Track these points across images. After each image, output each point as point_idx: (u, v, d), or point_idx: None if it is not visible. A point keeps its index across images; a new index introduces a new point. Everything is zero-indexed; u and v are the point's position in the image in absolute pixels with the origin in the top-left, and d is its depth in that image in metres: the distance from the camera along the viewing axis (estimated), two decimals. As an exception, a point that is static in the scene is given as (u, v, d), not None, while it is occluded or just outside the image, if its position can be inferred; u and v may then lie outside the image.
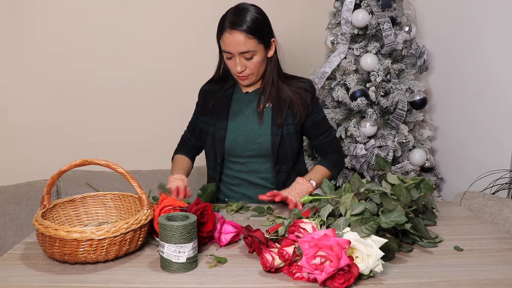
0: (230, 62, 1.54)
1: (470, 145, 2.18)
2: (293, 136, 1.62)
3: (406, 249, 1.15)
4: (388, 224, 1.07)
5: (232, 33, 1.47)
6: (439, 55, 2.37)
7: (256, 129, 1.59)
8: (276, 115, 1.58)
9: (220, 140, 1.60)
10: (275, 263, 1.02)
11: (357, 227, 1.04)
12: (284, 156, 1.60)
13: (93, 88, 2.38)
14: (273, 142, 1.58)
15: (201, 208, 1.16)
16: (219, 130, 1.61)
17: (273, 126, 1.58)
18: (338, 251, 0.94)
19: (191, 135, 1.75)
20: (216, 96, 1.65)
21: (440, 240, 1.21)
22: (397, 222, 1.08)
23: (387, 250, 1.06)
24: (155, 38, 2.39)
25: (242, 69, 1.52)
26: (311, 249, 0.96)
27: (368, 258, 0.99)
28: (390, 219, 1.08)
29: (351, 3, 2.17)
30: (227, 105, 1.63)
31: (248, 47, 1.48)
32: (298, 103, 1.59)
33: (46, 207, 1.19)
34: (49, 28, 2.30)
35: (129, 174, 1.14)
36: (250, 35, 1.47)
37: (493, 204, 1.66)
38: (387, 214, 1.09)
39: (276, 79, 1.59)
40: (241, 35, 1.47)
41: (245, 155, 1.61)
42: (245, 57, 1.50)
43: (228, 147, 1.60)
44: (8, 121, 2.34)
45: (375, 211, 1.12)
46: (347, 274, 0.95)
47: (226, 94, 1.65)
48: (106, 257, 1.08)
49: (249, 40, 1.47)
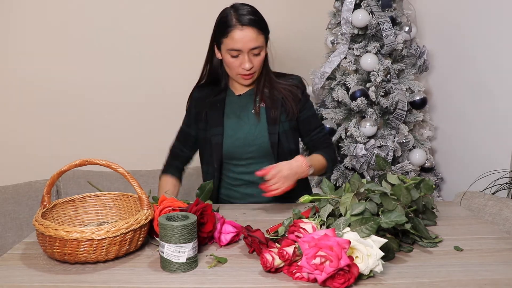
0: (235, 61, 1.51)
1: (470, 145, 2.18)
2: (289, 133, 1.61)
3: (406, 249, 1.15)
4: (388, 224, 1.07)
5: (244, 29, 1.47)
6: (439, 55, 2.37)
7: (253, 131, 1.58)
8: (270, 114, 1.58)
9: (217, 146, 1.59)
10: (275, 263, 1.02)
11: (357, 227, 1.04)
12: (283, 154, 1.60)
13: (93, 88, 2.38)
14: (272, 142, 1.57)
15: (201, 209, 1.15)
16: (214, 136, 1.59)
17: (269, 126, 1.58)
18: (338, 251, 0.94)
19: (184, 146, 1.69)
20: (208, 101, 1.62)
21: (440, 240, 1.21)
22: (397, 222, 1.08)
23: (387, 250, 1.06)
24: (155, 38, 2.39)
25: (250, 66, 1.51)
26: (311, 249, 0.96)
27: (368, 258, 0.99)
28: (390, 219, 1.08)
29: (351, 3, 2.17)
30: (221, 109, 1.61)
31: (259, 43, 1.49)
32: (290, 99, 1.59)
33: (46, 207, 1.19)
34: (49, 28, 2.30)
35: (129, 174, 1.14)
36: (261, 31, 1.49)
37: (493, 204, 1.66)
38: (387, 214, 1.09)
39: (268, 78, 1.60)
40: (253, 30, 1.47)
41: (245, 158, 1.60)
42: (254, 53, 1.50)
43: (227, 152, 1.59)
44: (8, 121, 2.34)
45: (375, 211, 1.12)
46: (347, 274, 0.95)
47: (219, 99, 1.62)
48: (106, 257, 1.08)
49: (259, 36, 1.49)
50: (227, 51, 1.51)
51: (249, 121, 1.59)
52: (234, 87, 1.64)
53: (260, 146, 1.58)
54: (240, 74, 1.54)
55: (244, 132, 1.59)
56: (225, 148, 1.59)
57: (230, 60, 1.52)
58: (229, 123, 1.60)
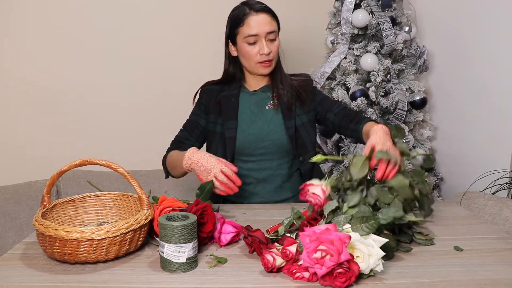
0: (253, 49, 1.56)
1: (470, 145, 2.18)
2: (308, 125, 1.65)
3: (404, 248, 1.15)
4: (386, 220, 1.08)
5: (259, 15, 1.54)
6: (439, 55, 2.37)
7: (266, 127, 1.60)
8: (286, 109, 1.61)
9: (230, 139, 1.60)
10: (277, 263, 1.02)
11: (357, 225, 1.04)
12: (303, 147, 1.62)
13: (93, 88, 2.38)
14: (290, 135, 1.60)
15: (201, 209, 1.15)
16: (228, 129, 1.61)
17: (285, 121, 1.60)
18: (339, 246, 0.95)
19: (190, 135, 1.69)
20: (222, 95, 1.65)
21: (432, 237, 1.21)
22: (395, 217, 1.08)
23: (387, 249, 1.06)
24: (155, 38, 2.39)
25: (269, 50, 1.56)
26: (312, 243, 0.97)
27: (369, 257, 0.99)
28: (387, 215, 1.09)
29: (351, 3, 2.17)
30: (236, 104, 1.63)
31: (274, 27, 1.57)
32: (303, 91, 1.64)
33: (46, 207, 1.19)
34: (49, 28, 2.30)
35: (129, 174, 1.14)
36: (274, 18, 1.58)
37: (493, 204, 1.66)
38: (385, 210, 1.10)
39: (282, 73, 1.65)
40: (267, 15, 1.56)
41: (256, 153, 1.61)
42: (270, 39, 1.56)
43: (239, 146, 1.61)
44: (8, 121, 2.34)
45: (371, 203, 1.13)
46: (348, 273, 0.96)
47: (233, 93, 1.65)
48: (106, 257, 1.08)
49: (273, 22, 1.58)
50: (244, 39, 1.56)
51: (263, 116, 1.62)
52: (249, 84, 1.67)
53: (273, 142, 1.60)
54: (259, 62, 1.58)
55: (258, 127, 1.61)
56: (238, 142, 1.60)
57: (248, 49, 1.56)
58: (243, 117, 1.62)
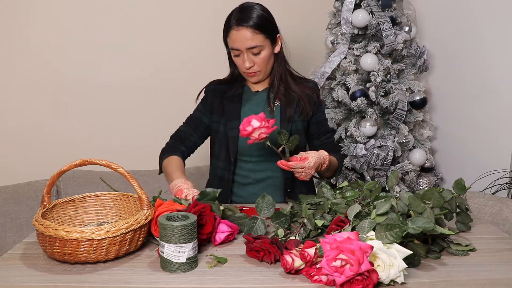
0: (238, 60, 1.57)
1: (470, 145, 2.18)
2: (301, 133, 1.64)
3: (433, 255, 1.10)
4: (415, 230, 1.02)
5: (239, 30, 1.51)
6: (439, 55, 2.37)
7: None
8: (285, 112, 1.61)
9: (233, 139, 1.61)
10: (295, 265, 1.01)
11: (382, 232, 1.00)
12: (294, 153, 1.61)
13: (93, 88, 2.38)
14: None
15: (199, 210, 1.15)
16: (231, 129, 1.61)
17: (282, 123, 1.61)
18: (360, 256, 0.92)
19: (194, 131, 1.67)
20: (226, 95, 1.65)
21: (471, 248, 1.15)
22: (424, 229, 1.03)
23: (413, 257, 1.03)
24: (155, 39, 2.39)
25: (250, 64, 1.55)
26: (332, 251, 0.94)
27: (390, 268, 0.95)
28: (417, 225, 1.02)
29: (351, 3, 2.17)
30: (239, 104, 1.64)
31: (255, 42, 1.52)
32: (305, 100, 1.63)
33: (46, 207, 1.19)
34: (49, 28, 2.30)
35: (129, 174, 1.14)
36: (257, 30, 1.52)
37: (493, 204, 1.66)
38: (415, 220, 1.04)
39: (284, 75, 1.63)
40: (247, 30, 1.51)
41: (256, 154, 1.62)
42: (253, 53, 1.54)
43: (241, 146, 1.61)
44: (8, 121, 2.34)
45: (404, 211, 1.10)
46: (366, 280, 0.93)
47: (236, 94, 1.66)
48: (106, 257, 1.08)
49: (256, 35, 1.52)
50: (230, 49, 1.58)
51: None
52: (251, 84, 1.68)
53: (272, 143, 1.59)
54: (244, 72, 1.59)
55: None
56: (240, 143, 1.61)
57: (235, 59, 1.59)
58: None
